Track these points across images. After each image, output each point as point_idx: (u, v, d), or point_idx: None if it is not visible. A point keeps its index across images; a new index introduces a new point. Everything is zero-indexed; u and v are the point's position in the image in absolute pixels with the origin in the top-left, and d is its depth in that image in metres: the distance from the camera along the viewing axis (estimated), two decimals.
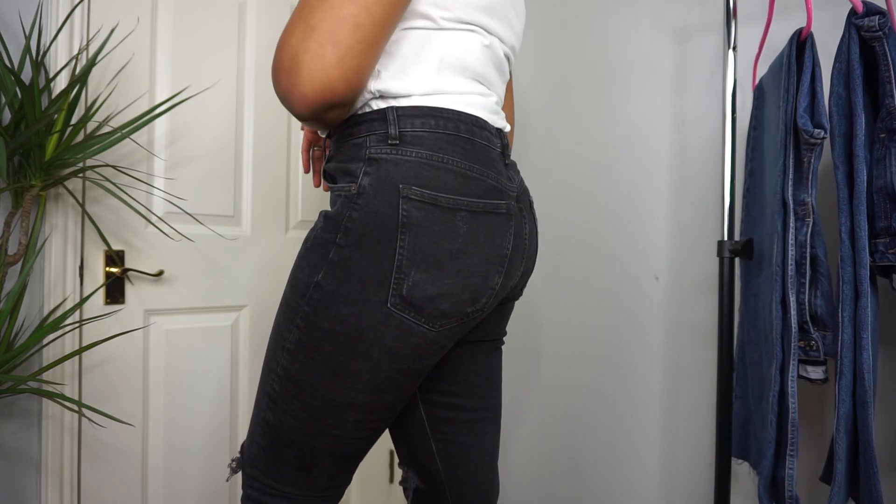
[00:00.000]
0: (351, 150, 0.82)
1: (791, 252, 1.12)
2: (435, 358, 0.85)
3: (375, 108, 0.81)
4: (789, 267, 1.12)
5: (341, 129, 0.84)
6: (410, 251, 0.77)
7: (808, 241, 1.12)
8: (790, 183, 1.13)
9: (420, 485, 1.05)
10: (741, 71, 1.43)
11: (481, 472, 1.04)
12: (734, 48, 1.30)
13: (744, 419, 1.35)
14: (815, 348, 1.12)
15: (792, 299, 1.11)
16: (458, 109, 0.82)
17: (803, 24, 1.32)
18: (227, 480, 1.15)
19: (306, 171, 1.09)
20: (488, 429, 1.05)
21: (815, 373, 1.14)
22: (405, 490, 1.08)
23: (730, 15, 1.30)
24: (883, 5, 1.07)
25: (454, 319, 0.82)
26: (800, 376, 1.14)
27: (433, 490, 1.03)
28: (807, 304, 1.12)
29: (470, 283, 0.81)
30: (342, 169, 0.82)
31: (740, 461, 1.38)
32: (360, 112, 0.82)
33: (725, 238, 1.29)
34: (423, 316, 0.79)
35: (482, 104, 0.85)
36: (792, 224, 1.12)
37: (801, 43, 1.13)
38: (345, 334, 0.79)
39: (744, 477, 1.47)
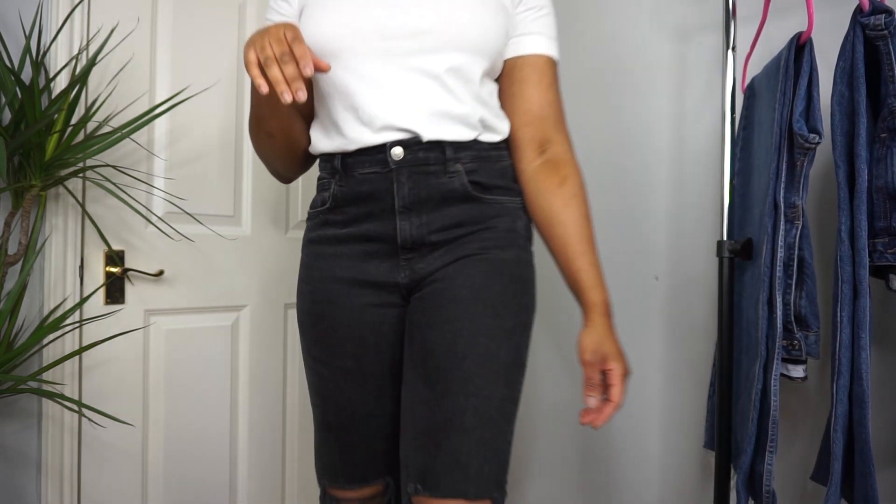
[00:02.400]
0: (505, 170, 1.03)
1: (780, 253, 1.13)
2: None
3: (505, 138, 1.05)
4: (777, 268, 1.13)
5: (491, 148, 1.01)
6: None
7: (797, 244, 1.13)
8: (782, 185, 1.13)
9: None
10: (740, 71, 1.43)
11: None
12: (733, 48, 1.30)
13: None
14: (797, 348, 1.14)
15: (778, 300, 1.12)
16: None
17: (799, 25, 1.32)
18: None
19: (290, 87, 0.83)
20: None
21: (796, 371, 1.17)
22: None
23: (729, 15, 1.30)
24: (888, 3, 1.07)
25: None
26: (781, 375, 1.16)
27: None
28: (792, 304, 1.15)
29: None
30: (504, 186, 1.02)
31: (711, 451, 1.40)
32: (503, 139, 1.04)
33: (725, 238, 1.30)
34: None
35: None
36: (782, 226, 1.13)
37: (800, 47, 1.13)
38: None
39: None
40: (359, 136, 0.97)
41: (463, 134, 0.98)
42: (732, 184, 1.30)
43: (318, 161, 1.07)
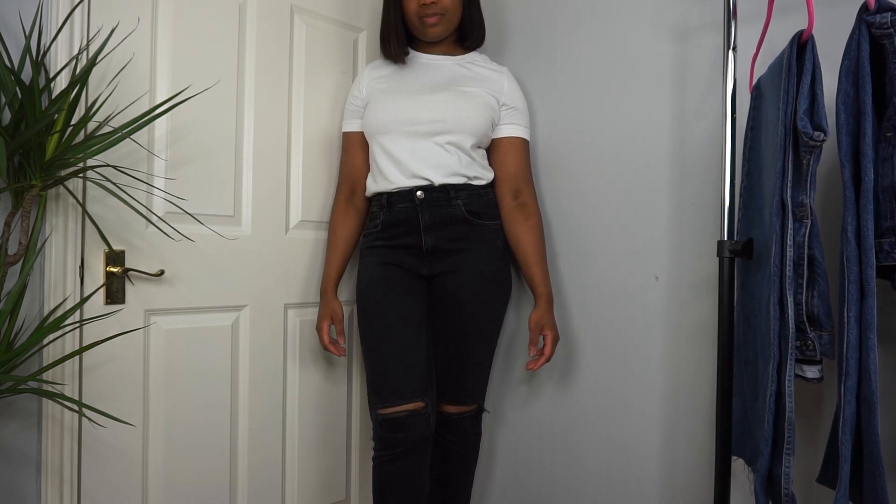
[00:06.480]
0: (490, 202, 1.65)
1: (789, 253, 1.12)
2: None
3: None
4: (787, 268, 1.12)
5: (480, 189, 1.63)
6: None
7: (806, 242, 1.12)
8: (789, 184, 1.12)
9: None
10: (741, 71, 1.42)
11: None
12: (734, 48, 1.30)
13: (738, 417, 1.36)
14: (811, 348, 1.13)
15: (789, 300, 1.11)
16: None
17: (803, 24, 1.32)
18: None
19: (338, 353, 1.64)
20: None
21: (811, 372, 1.15)
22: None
23: (730, 15, 1.29)
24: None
25: None
26: (796, 376, 1.14)
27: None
28: (804, 304, 1.13)
29: None
30: (489, 213, 1.64)
31: (735, 458, 1.38)
32: (488, 183, 1.66)
33: (725, 238, 1.29)
34: None
35: None
36: (790, 225, 1.12)
37: (802, 45, 1.13)
38: None
39: (739, 474, 1.47)
40: (396, 179, 1.58)
41: (459, 180, 1.59)
42: (734, 184, 1.30)
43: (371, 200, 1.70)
